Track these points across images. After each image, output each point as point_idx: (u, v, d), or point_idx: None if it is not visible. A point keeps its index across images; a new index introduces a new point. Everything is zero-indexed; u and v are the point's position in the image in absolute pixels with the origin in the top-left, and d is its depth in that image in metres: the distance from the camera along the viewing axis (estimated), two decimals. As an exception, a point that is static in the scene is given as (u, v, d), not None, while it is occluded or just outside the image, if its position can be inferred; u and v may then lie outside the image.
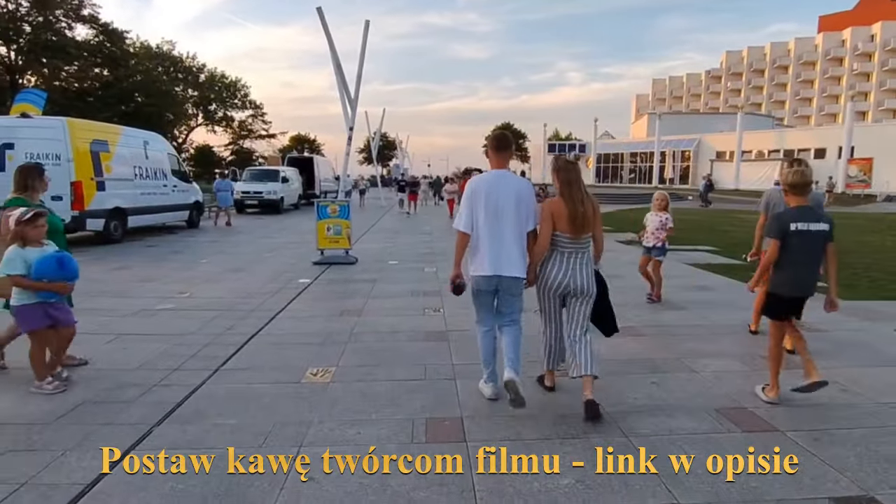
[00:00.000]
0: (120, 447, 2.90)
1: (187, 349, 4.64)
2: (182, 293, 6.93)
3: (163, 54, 49.68)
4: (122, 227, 11.90)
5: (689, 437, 3.10)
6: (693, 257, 10.15)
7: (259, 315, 5.84)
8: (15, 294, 3.63)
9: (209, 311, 6.01)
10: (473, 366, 3.91)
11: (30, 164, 4.50)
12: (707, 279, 8.02)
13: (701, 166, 50.95)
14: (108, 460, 2.77)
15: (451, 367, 4.26)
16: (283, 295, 6.85)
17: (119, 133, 12.13)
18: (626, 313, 5.58)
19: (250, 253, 10.62)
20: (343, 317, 5.81)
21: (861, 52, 76.03)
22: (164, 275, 8.18)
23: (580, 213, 3.37)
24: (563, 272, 3.44)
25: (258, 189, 21.41)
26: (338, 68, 11.84)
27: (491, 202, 3.40)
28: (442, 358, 4.50)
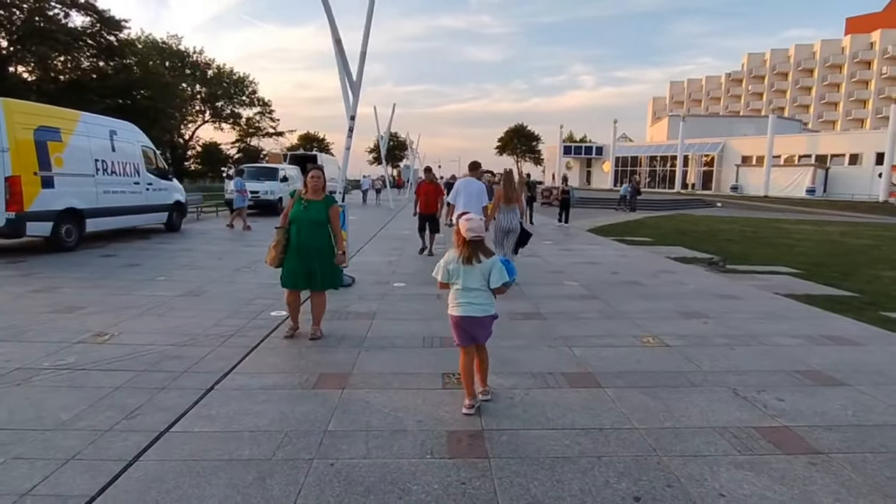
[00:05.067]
0: None
1: (22, 480, 2.59)
2: (101, 334, 4.89)
3: (169, 49, 48.21)
4: (77, 231, 9.93)
5: None
6: (779, 283, 7.99)
7: (190, 384, 3.79)
8: None
9: (120, 372, 3.98)
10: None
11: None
12: (832, 324, 5.85)
13: (725, 171, 48.45)
14: None
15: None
16: (241, 341, 4.80)
17: (76, 120, 10.15)
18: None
19: (224, 267, 8.59)
20: (318, 392, 3.74)
21: (890, 56, 72.98)
22: (97, 301, 6.17)
23: (510, 195, 7.34)
24: (504, 220, 7.37)
25: (254, 188, 19.31)
26: (337, 44, 9.69)
27: (465, 191, 7.86)
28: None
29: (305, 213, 4.78)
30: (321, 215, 4.83)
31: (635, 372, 4.18)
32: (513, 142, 79.14)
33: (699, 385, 3.92)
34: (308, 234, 4.78)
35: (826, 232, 18.05)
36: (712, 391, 3.81)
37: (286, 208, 4.95)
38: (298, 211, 4.81)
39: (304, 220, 4.77)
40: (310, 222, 4.78)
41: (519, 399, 3.65)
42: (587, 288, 7.49)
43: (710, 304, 6.53)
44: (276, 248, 4.82)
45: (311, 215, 4.80)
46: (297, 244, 4.78)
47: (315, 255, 4.80)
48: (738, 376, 4.11)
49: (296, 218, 4.81)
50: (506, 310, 6.09)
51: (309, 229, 4.78)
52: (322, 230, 4.83)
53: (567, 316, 5.92)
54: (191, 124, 53.00)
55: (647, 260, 10.42)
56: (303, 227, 4.78)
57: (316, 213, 4.81)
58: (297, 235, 4.78)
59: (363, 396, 3.65)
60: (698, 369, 4.26)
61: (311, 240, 4.79)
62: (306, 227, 4.78)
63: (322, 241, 4.84)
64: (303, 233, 4.78)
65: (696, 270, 9.16)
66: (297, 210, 4.82)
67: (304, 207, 4.79)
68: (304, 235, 4.78)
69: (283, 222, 4.89)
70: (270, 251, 4.86)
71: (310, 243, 4.79)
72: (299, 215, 4.80)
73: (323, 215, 4.84)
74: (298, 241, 4.77)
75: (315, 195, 4.87)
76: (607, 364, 4.36)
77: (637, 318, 5.83)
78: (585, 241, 13.68)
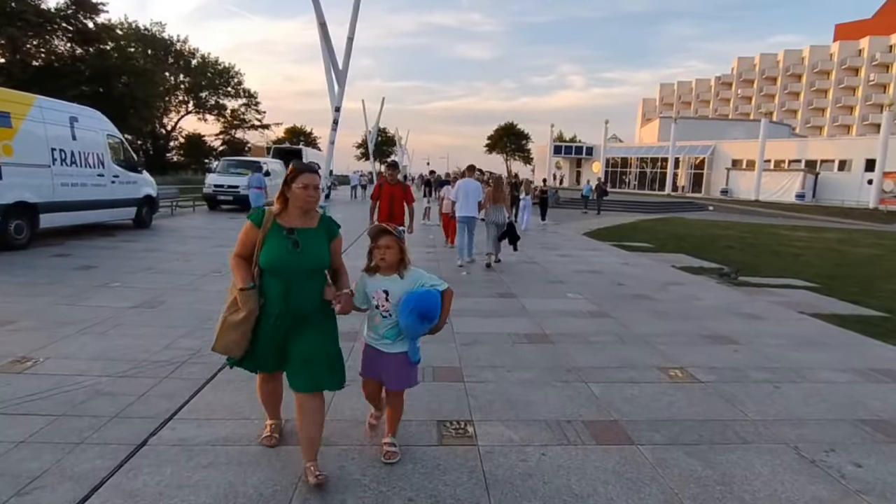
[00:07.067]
0: None
1: None
2: (23, 360, 4.04)
3: (151, 36, 46.65)
4: (28, 227, 8.97)
5: None
6: (799, 300, 7.33)
7: (116, 435, 2.97)
8: None
9: (32, 417, 3.15)
10: None
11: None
12: (876, 353, 5.17)
13: (715, 174, 48.23)
14: None
15: None
16: (193, 370, 3.98)
17: (29, 104, 9.15)
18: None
19: (189, 271, 7.72)
20: (281, 450, 2.94)
21: (879, 62, 73.59)
22: (33, 312, 5.29)
23: (498, 197, 9.29)
24: (494, 215, 9.19)
25: (233, 183, 18.41)
26: (321, 27, 8.88)
27: (464, 190, 9.13)
28: None
29: (297, 255, 2.59)
30: (323, 255, 2.68)
31: (671, 421, 3.44)
32: (502, 140, 78.45)
33: (753, 442, 3.20)
34: (301, 292, 2.62)
35: (824, 239, 17.59)
36: (771, 452, 3.09)
37: (245, 243, 2.66)
38: (283, 252, 2.57)
39: (295, 269, 2.60)
40: (305, 271, 2.62)
41: (535, 462, 2.89)
42: (594, 302, 6.76)
43: (733, 326, 5.84)
44: (243, 323, 2.59)
45: (307, 259, 2.61)
46: (278, 310, 2.60)
47: (312, 327, 2.64)
48: (796, 429, 3.40)
49: (280, 266, 2.58)
50: (507, 329, 5.35)
51: (302, 283, 2.62)
52: (319, 279, 2.70)
53: (577, 339, 5.18)
54: (174, 115, 51.53)
55: (652, 269, 9.75)
56: (294, 281, 2.60)
57: (316, 254, 2.65)
58: (280, 296, 2.59)
59: (339, 456, 2.87)
60: (745, 417, 3.54)
61: (304, 300, 2.63)
62: (300, 281, 2.61)
63: (318, 299, 2.68)
64: (293, 290, 2.60)
65: (706, 283, 8.49)
66: (281, 250, 2.58)
67: (294, 244, 2.59)
68: (296, 295, 2.61)
69: (244, 274, 2.63)
70: (226, 329, 2.60)
71: (303, 306, 2.63)
72: (287, 260, 2.57)
73: (325, 254, 2.69)
74: (284, 305, 2.60)
75: (306, 219, 2.68)
76: (635, 408, 3.62)
77: (656, 343, 5.11)
78: (583, 247, 12.99)
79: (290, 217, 2.65)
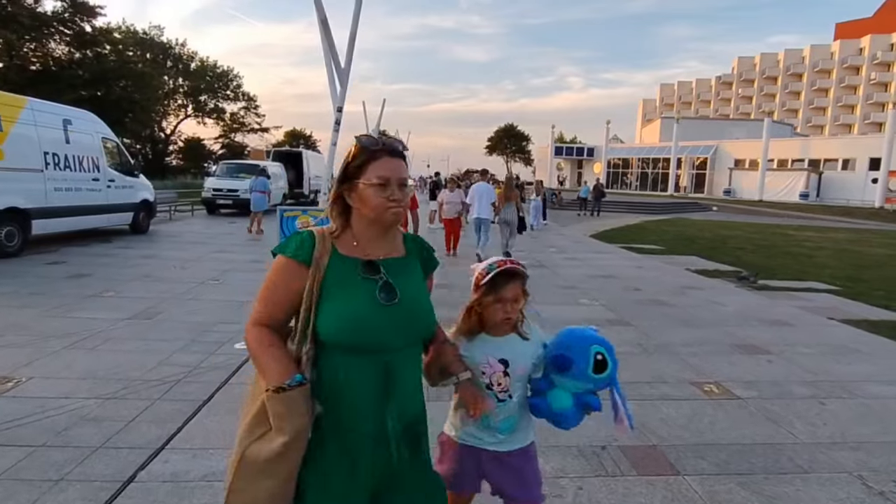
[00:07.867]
0: None
1: None
2: (4, 380, 3.72)
3: (150, 40, 46.41)
4: (20, 234, 8.65)
5: None
6: (825, 304, 7.01)
7: (100, 471, 2.64)
8: None
9: (7, 449, 2.83)
10: None
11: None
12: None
13: (717, 174, 47.93)
14: None
15: None
16: (190, 390, 3.66)
17: (21, 106, 8.84)
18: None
19: (187, 279, 7.40)
20: None
21: (880, 61, 73.31)
22: (20, 325, 4.97)
23: (509, 195, 10.14)
24: (507, 214, 9.99)
25: (232, 186, 18.06)
26: (322, 24, 8.51)
27: (477, 192, 10.13)
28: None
29: (395, 312, 1.36)
30: (428, 305, 1.49)
31: (715, 445, 3.12)
32: (502, 142, 78.16)
33: (811, 471, 2.87)
34: (405, 382, 1.41)
35: (834, 240, 17.27)
36: (833, 482, 2.76)
37: (278, 300, 1.37)
38: (373, 306, 1.34)
39: (396, 339, 1.37)
40: (409, 343, 1.42)
41: (571, 498, 2.57)
42: (611, 310, 6.44)
43: (762, 334, 5.51)
44: (284, 459, 1.29)
45: (411, 316, 1.41)
46: (376, 428, 1.34)
47: (417, 447, 1.45)
48: (855, 453, 3.07)
49: (372, 336, 1.33)
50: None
51: (404, 365, 1.40)
52: (419, 356, 1.50)
53: (599, 350, 4.84)
54: (172, 118, 51.26)
55: (667, 273, 9.41)
56: (396, 363, 1.37)
57: (420, 305, 1.45)
58: (378, 397, 1.34)
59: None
60: (796, 440, 3.22)
61: (410, 399, 1.43)
62: (401, 362, 1.39)
63: (421, 397, 1.48)
64: (398, 381, 1.37)
65: (725, 287, 8.16)
66: (367, 303, 1.34)
67: (384, 289, 1.36)
68: (401, 389, 1.38)
69: (280, 362, 1.32)
70: (250, 473, 1.32)
71: (409, 411, 1.42)
72: (379, 323, 1.34)
73: (429, 304, 1.49)
74: (388, 415, 1.35)
75: (386, 241, 1.45)
76: (673, 430, 3.30)
77: (684, 354, 4.79)
78: (592, 249, 12.67)
79: (360, 240, 1.42)
